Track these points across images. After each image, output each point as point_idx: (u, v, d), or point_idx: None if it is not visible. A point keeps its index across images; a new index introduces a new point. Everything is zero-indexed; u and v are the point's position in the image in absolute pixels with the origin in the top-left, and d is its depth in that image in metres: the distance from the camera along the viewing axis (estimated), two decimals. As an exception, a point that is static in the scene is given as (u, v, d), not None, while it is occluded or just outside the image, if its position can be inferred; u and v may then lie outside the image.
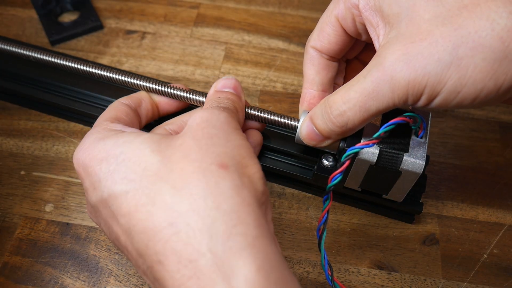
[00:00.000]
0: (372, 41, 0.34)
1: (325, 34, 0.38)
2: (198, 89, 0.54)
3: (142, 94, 0.42)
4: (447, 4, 0.30)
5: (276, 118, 0.40)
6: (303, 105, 0.40)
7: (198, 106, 0.43)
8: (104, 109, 0.47)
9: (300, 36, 0.60)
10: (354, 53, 0.41)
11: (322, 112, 0.35)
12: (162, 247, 0.27)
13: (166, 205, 0.28)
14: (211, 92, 0.40)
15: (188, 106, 0.44)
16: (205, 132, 0.31)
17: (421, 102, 0.31)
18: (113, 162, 0.31)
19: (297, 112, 0.45)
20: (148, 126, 0.42)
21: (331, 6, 0.37)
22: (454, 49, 0.29)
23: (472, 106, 0.31)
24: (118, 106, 0.39)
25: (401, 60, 0.30)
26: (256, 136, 0.42)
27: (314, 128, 0.37)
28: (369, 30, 0.34)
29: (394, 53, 0.30)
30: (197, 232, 0.27)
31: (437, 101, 0.31)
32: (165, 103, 0.43)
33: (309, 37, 0.39)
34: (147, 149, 0.31)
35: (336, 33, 0.37)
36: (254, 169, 0.31)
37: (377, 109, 0.32)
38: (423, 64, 0.29)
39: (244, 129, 0.42)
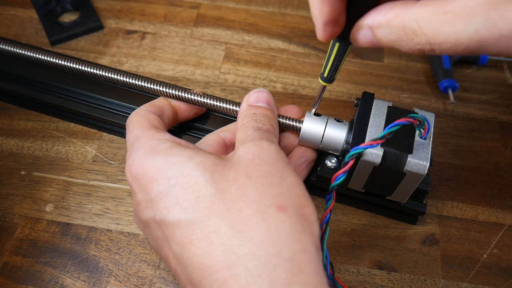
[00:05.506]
0: None
1: None
2: (198, 89, 0.54)
3: (162, 101, 0.41)
4: None
5: (279, 119, 0.40)
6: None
7: (218, 111, 0.43)
8: (103, 110, 0.47)
9: (300, 36, 0.60)
10: None
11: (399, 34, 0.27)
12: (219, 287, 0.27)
13: (224, 246, 0.27)
14: (243, 106, 0.38)
15: (205, 111, 0.44)
16: (259, 170, 0.30)
17: None
18: (164, 184, 0.30)
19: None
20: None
21: None
22: None
23: None
24: (148, 115, 0.38)
25: None
26: (309, 152, 0.42)
27: (374, 40, 0.29)
28: None
29: None
30: (257, 277, 0.26)
31: None
32: (184, 109, 0.42)
33: None
34: (201, 177, 0.30)
35: None
36: (310, 210, 0.30)
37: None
38: None
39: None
